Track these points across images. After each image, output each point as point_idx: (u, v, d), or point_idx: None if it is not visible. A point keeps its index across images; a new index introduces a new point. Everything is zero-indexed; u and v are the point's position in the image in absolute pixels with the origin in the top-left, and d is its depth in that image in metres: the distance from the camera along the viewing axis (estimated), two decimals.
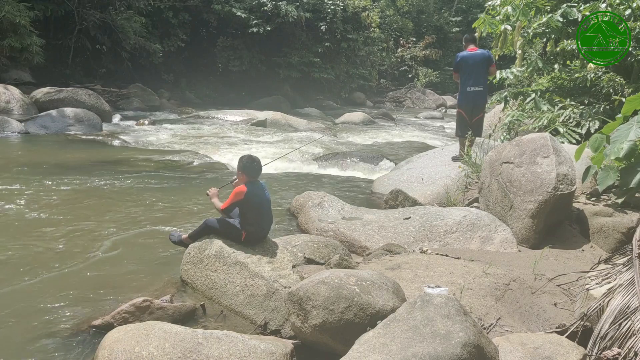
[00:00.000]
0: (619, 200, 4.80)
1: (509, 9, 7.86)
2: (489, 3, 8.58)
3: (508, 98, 8.10)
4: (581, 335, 2.82)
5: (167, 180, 7.46)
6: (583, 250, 4.54)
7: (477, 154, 6.68)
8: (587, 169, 4.94)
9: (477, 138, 7.17)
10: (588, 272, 3.45)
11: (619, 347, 2.55)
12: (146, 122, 14.08)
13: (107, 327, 3.08)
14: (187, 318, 3.36)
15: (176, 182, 7.35)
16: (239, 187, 3.78)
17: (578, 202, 5.08)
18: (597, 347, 2.65)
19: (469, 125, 7.11)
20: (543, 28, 7.68)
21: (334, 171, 8.95)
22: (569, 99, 7.24)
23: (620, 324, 2.63)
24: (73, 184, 6.74)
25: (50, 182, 6.74)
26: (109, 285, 3.88)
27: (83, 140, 10.86)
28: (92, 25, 18.34)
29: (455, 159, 7.14)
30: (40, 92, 13.38)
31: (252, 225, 3.80)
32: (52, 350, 3.01)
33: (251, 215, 3.80)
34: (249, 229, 3.79)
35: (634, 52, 6.73)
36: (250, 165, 3.85)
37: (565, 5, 7.42)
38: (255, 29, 21.91)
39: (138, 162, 8.68)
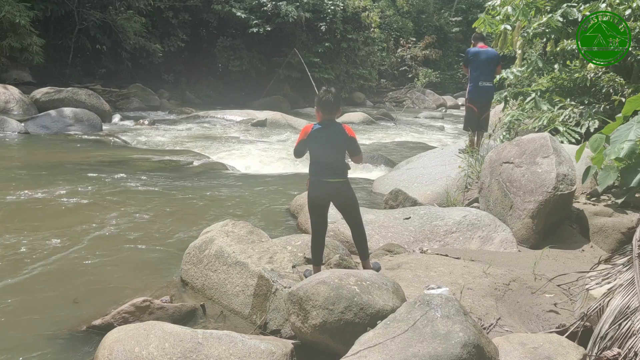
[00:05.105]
0: (619, 200, 4.79)
1: (509, 9, 7.84)
2: (489, 3, 8.57)
3: (508, 98, 8.09)
4: (581, 335, 2.82)
5: (167, 180, 7.46)
6: (583, 250, 4.54)
7: (477, 154, 6.67)
8: (587, 169, 4.93)
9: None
10: (588, 272, 3.45)
11: (619, 347, 2.55)
12: (146, 122, 14.08)
13: (107, 327, 3.07)
14: (187, 318, 3.36)
15: (176, 182, 7.35)
16: (306, 127, 3.47)
17: (578, 202, 5.08)
18: (597, 347, 2.65)
19: (479, 121, 7.10)
20: (543, 28, 7.66)
21: None
22: (569, 99, 7.23)
23: (620, 324, 2.63)
24: (72, 184, 6.73)
25: (49, 182, 6.74)
26: (109, 285, 3.88)
27: (83, 140, 10.86)
28: (92, 25, 18.35)
29: (461, 151, 7.11)
30: (40, 92, 13.39)
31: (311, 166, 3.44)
32: (52, 351, 3.01)
33: (311, 155, 3.49)
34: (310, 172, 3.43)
35: (634, 52, 6.72)
36: (320, 98, 3.42)
37: (565, 5, 7.40)
38: (255, 29, 21.91)
39: (138, 162, 8.67)
